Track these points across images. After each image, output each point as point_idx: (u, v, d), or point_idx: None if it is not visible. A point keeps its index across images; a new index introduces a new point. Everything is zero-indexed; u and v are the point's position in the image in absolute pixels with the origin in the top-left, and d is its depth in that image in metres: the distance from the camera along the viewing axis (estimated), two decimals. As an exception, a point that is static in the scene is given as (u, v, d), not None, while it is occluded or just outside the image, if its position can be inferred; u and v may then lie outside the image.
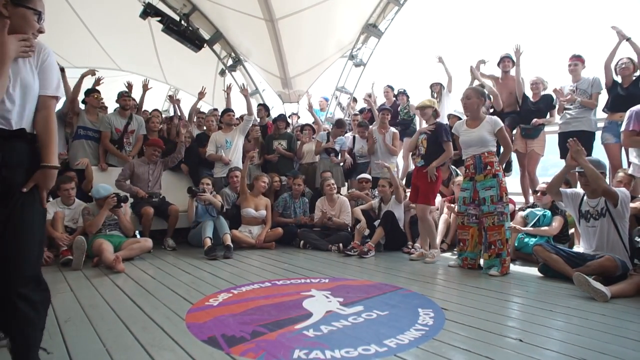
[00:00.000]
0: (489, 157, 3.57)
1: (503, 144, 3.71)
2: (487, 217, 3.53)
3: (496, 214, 3.49)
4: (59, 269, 3.73)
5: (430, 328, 2.15)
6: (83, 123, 5.09)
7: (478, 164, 3.61)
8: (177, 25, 7.75)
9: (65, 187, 4.24)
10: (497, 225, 3.49)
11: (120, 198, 4.16)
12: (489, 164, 3.56)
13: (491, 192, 3.52)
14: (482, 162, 3.58)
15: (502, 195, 3.51)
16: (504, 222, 3.49)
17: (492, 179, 3.53)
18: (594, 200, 3.23)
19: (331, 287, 3.03)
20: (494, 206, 3.50)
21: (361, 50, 8.49)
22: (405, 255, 4.35)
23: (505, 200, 3.53)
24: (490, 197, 3.52)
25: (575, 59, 4.68)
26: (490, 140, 3.60)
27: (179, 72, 10.55)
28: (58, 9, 7.72)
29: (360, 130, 5.91)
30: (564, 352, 1.85)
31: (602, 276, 2.90)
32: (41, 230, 1.57)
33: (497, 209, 3.49)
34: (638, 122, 3.45)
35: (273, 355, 1.84)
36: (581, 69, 4.66)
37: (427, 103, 4.13)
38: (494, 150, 3.63)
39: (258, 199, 5.09)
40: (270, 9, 7.16)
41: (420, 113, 4.15)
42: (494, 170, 3.53)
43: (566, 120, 4.70)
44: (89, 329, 2.18)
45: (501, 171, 3.59)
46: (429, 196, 4.06)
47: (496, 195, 3.50)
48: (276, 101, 9.39)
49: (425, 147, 4.03)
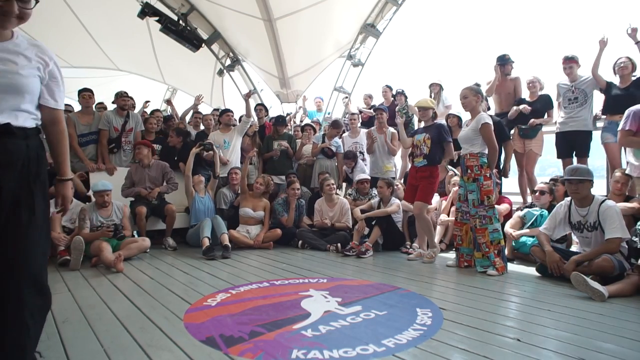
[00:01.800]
0: (470, 160, 3.61)
1: (486, 142, 3.59)
2: (472, 219, 3.61)
3: (477, 217, 3.55)
4: (56, 269, 3.72)
5: (429, 328, 2.16)
6: (79, 131, 5.09)
7: (462, 165, 3.70)
8: (175, 25, 7.73)
9: None
10: (480, 228, 3.54)
11: (117, 228, 4.13)
12: (469, 167, 3.60)
13: (472, 196, 3.58)
14: (465, 165, 3.64)
15: (483, 199, 3.54)
16: (486, 225, 3.52)
17: (472, 183, 3.58)
18: (584, 209, 3.20)
19: (329, 287, 3.03)
20: (475, 209, 3.57)
21: (359, 50, 8.49)
22: (404, 255, 4.36)
23: (487, 204, 3.55)
24: (472, 200, 3.58)
25: (569, 61, 4.66)
26: (473, 138, 3.60)
27: (177, 72, 10.54)
28: (56, 9, 7.71)
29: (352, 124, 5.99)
30: (562, 351, 1.86)
31: (600, 276, 2.91)
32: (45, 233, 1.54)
33: (479, 212, 3.55)
34: (635, 122, 3.45)
35: (271, 355, 1.84)
36: (577, 70, 4.67)
37: (429, 104, 4.11)
38: (476, 152, 3.60)
39: (258, 199, 5.08)
40: (269, 8, 7.15)
41: (421, 113, 4.13)
42: (473, 175, 3.57)
43: (563, 120, 4.71)
44: (86, 330, 2.17)
45: (483, 175, 3.57)
46: (428, 195, 4.06)
47: (476, 199, 3.55)
48: (274, 101, 9.39)
49: (428, 146, 4.02)
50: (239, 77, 9.55)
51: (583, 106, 4.59)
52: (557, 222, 3.36)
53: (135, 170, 4.93)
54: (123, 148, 5.33)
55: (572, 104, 4.65)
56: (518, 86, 5.28)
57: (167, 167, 5.07)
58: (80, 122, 5.11)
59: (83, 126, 5.12)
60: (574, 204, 3.28)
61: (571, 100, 4.65)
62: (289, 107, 9.08)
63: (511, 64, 5.28)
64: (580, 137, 4.62)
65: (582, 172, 3.21)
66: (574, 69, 4.64)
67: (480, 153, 3.61)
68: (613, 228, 3.00)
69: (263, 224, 5.06)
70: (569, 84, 4.68)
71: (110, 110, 5.48)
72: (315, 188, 5.70)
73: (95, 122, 5.19)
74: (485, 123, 3.55)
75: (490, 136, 3.57)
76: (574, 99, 4.64)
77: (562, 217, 3.34)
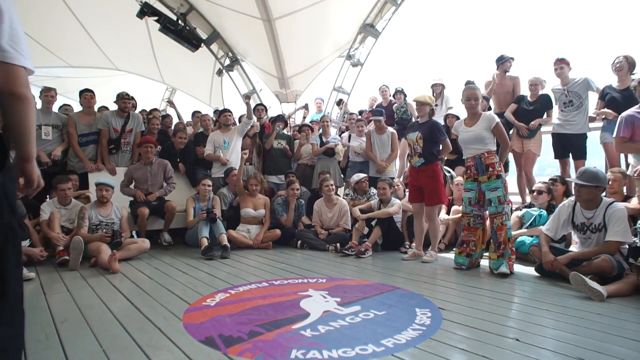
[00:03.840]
0: (489, 158, 3.55)
1: (500, 140, 3.64)
2: (497, 217, 3.49)
3: (504, 214, 3.48)
4: (55, 269, 3.72)
5: (428, 328, 2.16)
6: (80, 131, 5.09)
7: (479, 165, 3.59)
8: (174, 24, 7.73)
9: (62, 187, 4.23)
10: (502, 225, 3.49)
11: (115, 234, 4.12)
12: (490, 165, 3.54)
13: (498, 193, 3.49)
14: (483, 164, 3.56)
15: (506, 195, 3.53)
16: (506, 222, 3.50)
17: (496, 180, 3.51)
18: (589, 211, 3.16)
19: (328, 287, 3.03)
20: (501, 206, 3.49)
21: (358, 50, 8.50)
22: (403, 255, 4.36)
23: (508, 200, 3.55)
24: (497, 197, 3.50)
25: (559, 62, 4.66)
26: (487, 137, 3.57)
27: (176, 72, 10.54)
28: (55, 9, 7.70)
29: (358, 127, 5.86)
30: (561, 351, 1.86)
31: (599, 276, 2.91)
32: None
33: (505, 209, 3.49)
34: (627, 128, 3.40)
35: (270, 355, 1.84)
36: (568, 71, 4.66)
37: (427, 100, 4.04)
38: (493, 150, 3.61)
39: (256, 198, 5.08)
40: (268, 8, 7.15)
41: (419, 107, 4.07)
42: (496, 172, 3.52)
43: (560, 122, 4.73)
44: (85, 330, 2.17)
45: (503, 170, 3.58)
46: (440, 194, 4.02)
47: (503, 196, 3.50)
48: (273, 101, 9.39)
49: (421, 145, 3.98)
50: (238, 77, 9.55)
51: (579, 109, 4.60)
52: (561, 223, 3.33)
53: (136, 168, 4.93)
54: (122, 149, 5.32)
55: (567, 107, 4.66)
56: (517, 85, 5.29)
57: (168, 165, 5.07)
58: (82, 122, 5.10)
59: (84, 126, 5.11)
60: (579, 206, 3.24)
61: (566, 104, 4.67)
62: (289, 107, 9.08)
63: (510, 60, 5.29)
64: (575, 140, 4.63)
65: (588, 176, 3.11)
66: (564, 70, 4.64)
67: (495, 151, 3.63)
68: (616, 231, 2.98)
69: (264, 223, 5.06)
70: (561, 88, 4.69)
71: (110, 111, 5.46)
72: (316, 188, 5.69)
73: (96, 122, 5.18)
74: (498, 122, 3.59)
75: (505, 133, 3.66)
76: (568, 102, 4.65)
77: (565, 218, 3.31)
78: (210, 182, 5.07)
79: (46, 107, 4.91)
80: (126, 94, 5.42)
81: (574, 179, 3.20)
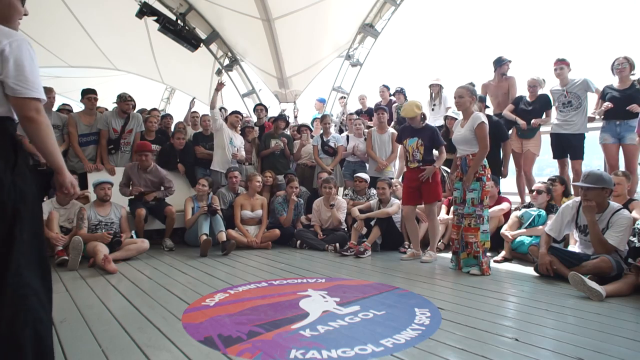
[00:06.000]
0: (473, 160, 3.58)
1: (478, 141, 3.51)
2: (466, 217, 3.56)
3: (474, 217, 3.52)
4: (54, 269, 3.70)
5: (427, 328, 2.16)
6: (80, 131, 5.07)
7: (463, 166, 3.65)
8: (173, 24, 7.73)
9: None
10: (473, 227, 3.52)
11: (115, 235, 4.11)
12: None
13: (473, 195, 3.54)
14: (467, 166, 3.60)
15: (482, 199, 3.53)
16: (479, 225, 3.51)
17: (475, 182, 3.54)
18: (596, 215, 3.11)
19: (328, 287, 3.03)
20: (473, 208, 3.53)
21: (358, 50, 8.51)
22: (402, 255, 4.36)
23: (485, 204, 3.55)
24: (471, 199, 3.54)
25: (560, 62, 4.66)
26: (471, 139, 3.55)
27: (175, 71, 10.54)
28: (54, 9, 7.70)
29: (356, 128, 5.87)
30: (560, 351, 1.86)
31: (597, 276, 2.92)
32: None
33: (476, 212, 3.52)
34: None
35: (269, 355, 1.84)
36: (567, 72, 4.66)
37: (415, 111, 3.99)
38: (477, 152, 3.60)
39: (254, 199, 5.08)
40: (267, 8, 7.16)
41: (409, 120, 4.08)
42: (477, 174, 3.55)
43: (558, 122, 4.73)
44: (84, 330, 2.17)
45: (486, 175, 3.56)
46: (437, 191, 4.05)
47: (477, 198, 3.52)
48: (273, 101, 9.39)
49: (422, 153, 4.00)
50: (238, 77, 9.55)
51: (577, 110, 4.60)
52: (564, 224, 3.32)
53: (134, 171, 4.90)
54: (121, 149, 5.31)
55: (566, 108, 4.67)
56: (512, 86, 5.30)
57: (166, 176, 4.97)
58: (82, 122, 5.09)
59: (85, 126, 5.09)
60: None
61: (565, 105, 4.67)
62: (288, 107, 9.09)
63: (507, 63, 5.29)
64: (573, 140, 4.64)
65: (593, 179, 3.09)
66: (564, 71, 4.64)
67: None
68: (615, 236, 2.99)
69: (261, 223, 5.05)
70: (560, 89, 4.69)
71: (110, 111, 5.44)
72: (316, 188, 5.69)
73: (97, 122, 5.17)
74: (481, 122, 3.49)
75: (484, 135, 3.49)
76: (567, 103, 4.65)
77: (569, 219, 3.30)
78: (206, 182, 5.01)
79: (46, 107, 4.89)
80: (128, 95, 5.39)
81: (580, 183, 3.18)
